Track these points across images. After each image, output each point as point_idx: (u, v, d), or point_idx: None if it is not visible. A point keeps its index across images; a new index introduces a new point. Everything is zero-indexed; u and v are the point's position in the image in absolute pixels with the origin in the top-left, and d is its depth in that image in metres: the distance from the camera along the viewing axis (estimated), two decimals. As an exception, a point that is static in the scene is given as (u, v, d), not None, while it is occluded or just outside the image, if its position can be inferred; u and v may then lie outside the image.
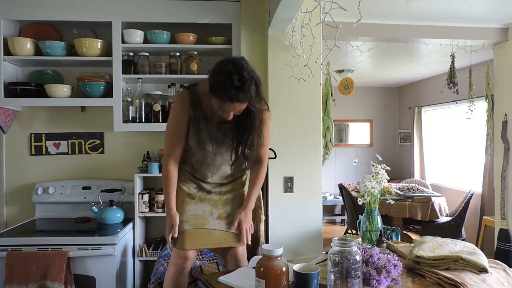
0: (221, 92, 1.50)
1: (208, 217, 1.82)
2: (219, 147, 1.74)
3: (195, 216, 1.80)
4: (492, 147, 3.46)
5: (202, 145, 1.73)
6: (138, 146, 2.94)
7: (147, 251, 2.68)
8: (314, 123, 2.62)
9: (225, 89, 1.49)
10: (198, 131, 1.72)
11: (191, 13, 2.66)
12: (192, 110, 1.71)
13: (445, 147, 5.67)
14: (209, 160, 1.77)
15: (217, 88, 1.51)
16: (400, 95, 6.77)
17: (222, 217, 1.83)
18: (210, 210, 1.83)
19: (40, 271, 2.22)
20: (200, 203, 1.83)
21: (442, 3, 2.63)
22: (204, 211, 1.82)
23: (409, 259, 1.61)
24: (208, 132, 1.70)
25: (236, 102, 1.52)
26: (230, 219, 1.84)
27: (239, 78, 1.48)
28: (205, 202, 1.83)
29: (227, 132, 1.74)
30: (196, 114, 1.71)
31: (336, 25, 1.80)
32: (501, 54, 3.30)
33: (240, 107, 1.57)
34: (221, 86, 1.49)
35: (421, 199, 4.22)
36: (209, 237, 1.81)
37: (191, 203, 1.82)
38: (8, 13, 2.59)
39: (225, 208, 1.85)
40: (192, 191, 1.83)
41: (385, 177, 1.88)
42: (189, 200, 1.82)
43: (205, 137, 1.72)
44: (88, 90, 2.65)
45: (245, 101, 1.55)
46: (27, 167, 2.89)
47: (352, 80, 4.59)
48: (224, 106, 1.54)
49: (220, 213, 1.83)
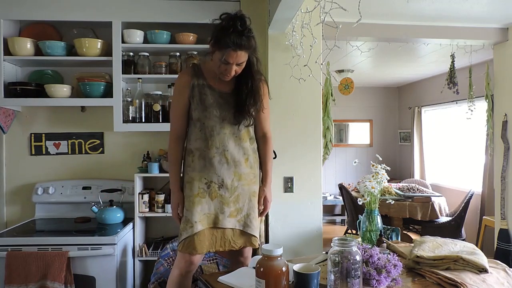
0: (224, 38, 1.56)
1: (220, 215, 1.76)
2: (225, 112, 1.76)
3: (207, 215, 1.76)
4: (492, 147, 3.46)
5: (209, 110, 1.75)
6: (138, 146, 2.94)
7: (147, 251, 2.68)
8: (314, 123, 2.62)
9: (229, 34, 1.56)
10: (203, 97, 1.75)
11: (191, 13, 2.66)
12: (195, 78, 1.77)
13: (445, 147, 5.67)
14: (219, 129, 1.76)
15: (221, 35, 1.58)
16: (400, 95, 6.77)
17: (233, 215, 1.78)
18: (221, 208, 1.77)
19: (40, 271, 2.22)
20: (211, 201, 1.77)
21: (442, 3, 2.63)
22: (215, 209, 1.77)
23: (409, 259, 1.61)
24: (213, 98, 1.75)
25: (239, 50, 1.58)
26: (241, 216, 1.80)
27: (242, 23, 1.57)
28: (215, 200, 1.77)
29: (230, 98, 1.78)
30: (199, 82, 1.77)
31: (336, 25, 1.80)
32: (501, 54, 3.30)
33: (241, 57, 1.62)
34: (224, 31, 1.57)
35: (421, 199, 4.22)
36: (222, 239, 1.77)
37: (203, 202, 1.76)
38: (8, 13, 2.59)
39: (236, 206, 1.79)
40: (203, 187, 1.77)
41: (385, 177, 1.88)
42: (200, 200, 1.75)
43: (211, 102, 1.74)
44: (88, 90, 2.65)
45: (246, 49, 1.61)
46: (27, 167, 2.89)
47: (352, 80, 4.59)
48: (226, 56, 1.59)
49: (231, 211, 1.78)
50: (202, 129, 1.78)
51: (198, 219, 1.73)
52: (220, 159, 1.77)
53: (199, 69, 1.80)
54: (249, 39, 1.60)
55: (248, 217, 1.81)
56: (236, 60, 1.62)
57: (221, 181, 1.77)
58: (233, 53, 1.59)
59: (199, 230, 1.73)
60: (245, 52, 1.62)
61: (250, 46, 1.62)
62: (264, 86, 1.84)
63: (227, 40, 1.56)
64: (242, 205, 1.81)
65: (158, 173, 2.70)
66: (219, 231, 1.77)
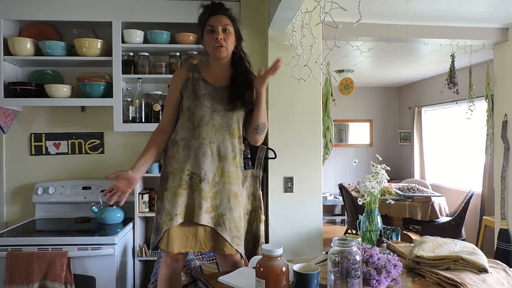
0: (203, 13, 1.74)
1: (197, 209, 1.72)
2: (217, 104, 1.75)
3: (186, 207, 1.73)
4: (492, 147, 3.46)
5: (200, 99, 1.74)
6: (138, 146, 2.94)
7: (147, 251, 2.68)
8: (314, 123, 2.62)
9: (206, 7, 1.74)
10: (196, 88, 1.76)
11: (191, 13, 2.65)
12: (191, 72, 1.80)
13: (445, 147, 5.67)
14: (208, 119, 1.72)
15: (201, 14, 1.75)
16: (400, 95, 6.77)
17: (208, 211, 1.73)
18: (200, 202, 1.72)
19: (40, 271, 2.22)
20: (192, 194, 1.73)
21: (442, 3, 2.63)
22: (193, 202, 1.73)
23: (409, 259, 1.61)
24: (206, 89, 1.76)
25: (218, 13, 1.72)
26: (214, 214, 1.74)
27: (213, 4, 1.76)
28: (196, 193, 1.73)
29: (222, 91, 1.77)
30: (194, 75, 1.79)
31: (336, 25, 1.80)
32: (501, 54, 3.30)
33: (223, 20, 1.72)
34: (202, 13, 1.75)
35: (421, 199, 4.22)
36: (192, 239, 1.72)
37: (183, 194, 1.72)
38: (8, 13, 2.59)
39: (213, 202, 1.75)
40: (185, 179, 1.73)
41: (385, 177, 1.88)
42: (181, 191, 1.72)
43: (203, 93, 1.75)
44: (88, 90, 2.65)
45: (224, 12, 1.74)
46: (27, 167, 2.89)
47: (352, 80, 4.60)
48: (210, 21, 1.71)
49: (207, 207, 1.73)
50: (190, 119, 1.74)
51: (179, 211, 1.70)
52: (205, 151, 1.71)
53: (196, 65, 1.84)
54: (221, 4, 1.74)
55: (222, 216, 1.74)
56: (219, 23, 1.71)
57: (204, 174, 1.71)
58: (214, 17, 1.71)
59: (175, 226, 1.69)
60: (225, 16, 1.73)
61: (227, 11, 1.75)
62: None
63: (205, 12, 1.73)
64: (220, 203, 1.75)
65: (158, 173, 2.70)
66: (191, 231, 1.73)
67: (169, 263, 1.79)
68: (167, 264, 1.79)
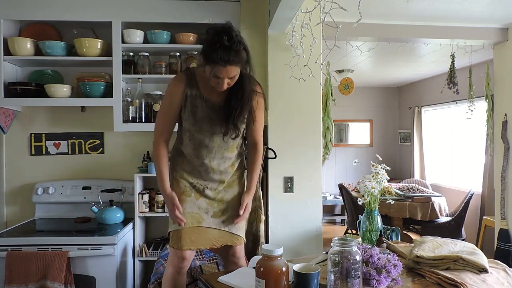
0: (212, 54, 1.52)
1: (204, 215, 1.80)
2: (216, 126, 1.74)
3: (191, 214, 1.78)
4: (492, 147, 3.46)
5: (199, 124, 1.74)
6: (138, 146, 2.94)
7: (147, 251, 2.68)
8: (314, 123, 2.62)
9: (216, 50, 1.51)
10: (194, 110, 1.73)
11: (191, 13, 2.66)
12: (189, 87, 1.74)
13: (445, 147, 5.67)
14: (207, 142, 1.76)
15: (208, 51, 1.54)
16: (400, 95, 6.77)
17: (217, 216, 1.82)
18: (206, 208, 1.81)
19: (40, 271, 2.22)
20: (196, 201, 1.81)
21: (442, 3, 2.63)
22: (200, 208, 1.80)
23: (409, 259, 1.61)
24: (203, 111, 1.73)
25: (228, 65, 1.54)
26: (225, 217, 1.83)
27: (228, 38, 1.51)
28: (200, 199, 1.81)
29: (221, 110, 1.74)
30: (192, 92, 1.74)
31: (336, 25, 1.80)
32: (501, 54, 3.30)
33: (232, 71, 1.58)
34: (211, 47, 1.52)
35: (421, 199, 4.22)
36: (205, 236, 1.79)
37: (188, 201, 1.79)
38: (8, 13, 2.59)
39: (220, 207, 1.83)
40: (189, 186, 1.81)
41: (385, 177, 1.88)
42: (185, 198, 1.79)
43: (202, 115, 1.73)
44: (88, 90, 2.65)
45: (236, 63, 1.56)
46: (27, 167, 2.89)
47: (352, 80, 4.59)
48: (216, 70, 1.55)
49: (215, 211, 1.82)
50: (191, 139, 1.78)
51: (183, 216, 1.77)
52: (206, 168, 1.80)
53: (193, 76, 1.76)
54: (238, 53, 1.54)
55: (232, 218, 1.83)
56: (227, 75, 1.58)
57: (206, 185, 1.82)
58: (223, 69, 1.55)
59: (182, 228, 1.75)
60: (235, 66, 1.58)
61: (240, 59, 1.57)
62: (259, 98, 1.80)
63: (214, 56, 1.52)
64: (226, 206, 1.84)
65: (158, 173, 2.70)
66: (202, 230, 1.79)
67: (176, 262, 1.79)
68: (174, 263, 1.80)
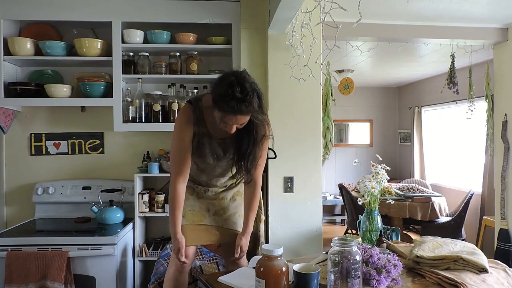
0: (223, 104, 1.48)
1: (205, 213, 1.84)
2: (220, 161, 1.76)
3: (192, 212, 1.82)
4: (492, 147, 3.46)
5: (203, 158, 1.75)
6: (138, 146, 2.94)
7: (147, 251, 2.68)
8: (314, 123, 2.62)
9: (227, 101, 1.46)
10: (200, 146, 1.73)
11: (191, 13, 2.66)
12: (197, 126, 1.70)
13: (445, 147, 5.66)
14: (209, 170, 1.81)
15: (219, 100, 1.49)
16: (400, 95, 6.77)
17: (218, 214, 1.86)
18: (207, 206, 1.86)
19: (40, 271, 2.22)
20: (197, 200, 1.86)
21: (442, 3, 2.63)
22: (201, 207, 1.84)
23: (409, 259, 1.61)
24: (210, 147, 1.72)
25: (239, 115, 1.50)
26: (227, 215, 1.87)
27: (241, 90, 1.46)
28: (202, 199, 1.87)
29: (227, 147, 1.74)
30: (200, 130, 1.70)
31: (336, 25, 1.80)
32: (501, 54, 3.30)
33: (243, 119, 1.54)
34: (223, 98, 1.47)
35: (421, 199, 4.21)
36: (206, 234, 1.83)
37: (190, 198, 1.84)
38: (8, 13, 2.59)
39: (222, 205, 1.87)
40: (190, 185, 1.86)
41: (385, 177, 1.87)
42: (187, 195, 1.82)
43: (207, 152, 1.73)
44: (88, 90, 2.65)
45: (247, 114, 1.52)
46: (27, 167, 2.89)
47: (352, 80, 4.59)
48: (226, 119, 1.52)
49: (217, 209, 1.86)
50: (195, 164, 1.80)
51: (183, 214, 1.79)
52: (206, 189, 1.88)
53: (200, 114, 1.71)
54: (250, 104, 1.49)
55: (234, 215, 1.88)
56: (236, 122, 1.55)
57: (207, 188, 1.88)
58: (233, 117, 1.51)
59: (183, 224, 1.78)
60: (246, 115, 1.54)
61: (251, 109, 1.51)
62: (266, 141, 1.75)
63: (225, 106, 1.48)
64: (228, 204, 1.88)
65: (158, 173, 2.70)
66: (204, 228, 1.84)
67: (178, 261, 1.80)
68: (176, 262, 1.81)
